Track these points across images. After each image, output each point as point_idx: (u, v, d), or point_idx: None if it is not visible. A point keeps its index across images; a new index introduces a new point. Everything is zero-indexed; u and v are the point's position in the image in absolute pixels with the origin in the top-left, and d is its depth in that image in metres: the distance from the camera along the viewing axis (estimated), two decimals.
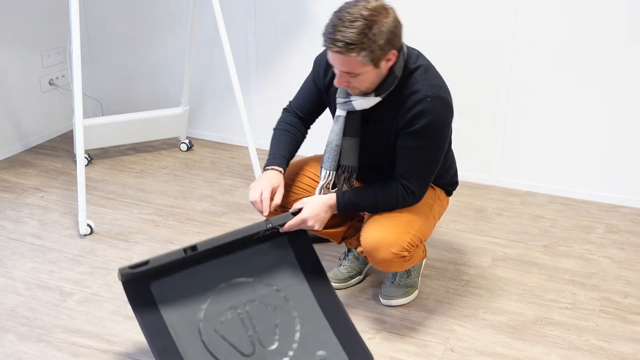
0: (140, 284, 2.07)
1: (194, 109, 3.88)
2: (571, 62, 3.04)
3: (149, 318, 2.04)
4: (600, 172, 3.16)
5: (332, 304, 2.18)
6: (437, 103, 2.10)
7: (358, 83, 2.08)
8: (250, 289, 2.16)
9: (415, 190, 2.20)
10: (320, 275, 2.23)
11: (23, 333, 2.31)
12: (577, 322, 2.37)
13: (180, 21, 3.73)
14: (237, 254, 2.18)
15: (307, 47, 3.45)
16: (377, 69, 2.05)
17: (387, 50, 2.03)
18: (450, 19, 3.17)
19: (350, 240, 2.54)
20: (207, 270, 2.14)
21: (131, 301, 2.06)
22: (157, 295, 2.08)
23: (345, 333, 2.13)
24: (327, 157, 2.25)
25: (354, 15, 1.96)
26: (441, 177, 2.39)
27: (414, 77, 2.13)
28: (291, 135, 2.36)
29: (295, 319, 2.14)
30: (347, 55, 1.99)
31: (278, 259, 2.21)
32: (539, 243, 2.86)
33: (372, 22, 1.97)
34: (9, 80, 3.67)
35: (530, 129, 3.21)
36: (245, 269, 2.18)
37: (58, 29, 3.85)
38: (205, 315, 2.09)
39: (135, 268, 2.03)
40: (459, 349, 2.24)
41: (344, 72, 2.05)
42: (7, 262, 2.72)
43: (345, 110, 2.20)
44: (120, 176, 3.49)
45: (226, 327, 2.08)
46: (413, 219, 2.24)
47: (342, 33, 1.96)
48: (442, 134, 2.16)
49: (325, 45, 2.03)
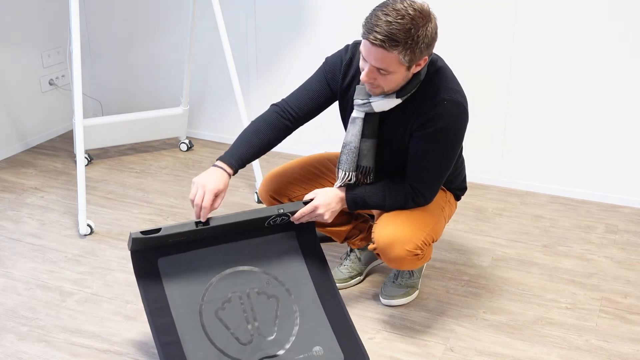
0: (148, 256, 2.07)
1: (194, 109, 3.88)
2: (571, 62, 3.04)
3: (152, 294, 2.05)
4: (600, 172, 3.16)
5: (334, 302, 2.19)
6: (453, 107, 2.09)
7: (384, 82, 2.04)
8: (254, 277, 2.16)
9: (424, 192, 2.20)
10: (325, 273, 2.24)
11: (23, 333, 2.31)
12: (577, 322, 2.37)
13: (180, 21, 3.73)
14: (246, 241, 2.18)
15: (307, 47, 3.45)
16: (407, 71, 2.03)
17: (424, 55, 2.01)
18: (450, 19, 3.16)
19: (353, 240, 2.54)
20: (215, 253, 2.14)
21: (137, 273, 2.07)
22: (163, 270, 2.08)
23: (344, 331, 2.14)
24: (345, 159, 2.22)
25: (400, 13, 1.92)
26: (452, 182, 2.39)
27: (434, 80, 2.11)
28: (262, 138, 2.23)
29: (296, 312, 2.14)
30: (388, 51, 1.94)
31: (285, 251, 2.23)
32: (539, 243, 2.86)
33: (418, 23, 1.93)
34: (9, 80, 3.67)
35: (530, 129, 3.21)
36: (252, 257, 2.19)
37: (58, 29, 3.85)
38: (207, 297, 2.09)
39: (147, 234, 2.01)
40: (459, 349, 2.24)
41: (376, 68, 2.00)
42: (7, 262, 2.72)
43: (363, 112, 2.17)
44: (120, 176, 3.49)
45: (227, 312, 2.09)
46: (426, 219, 2.24)
47: (388, 27, 1.91)
48: (455, 139, 2.15)
49: (366, 37, 1.95)
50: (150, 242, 2.06)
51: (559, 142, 3.18)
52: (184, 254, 2.12)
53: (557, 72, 3.08)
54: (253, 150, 2.23)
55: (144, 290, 2.06)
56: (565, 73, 3.07)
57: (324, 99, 2.28)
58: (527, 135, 3.23)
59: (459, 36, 3.18)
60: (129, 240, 2.02)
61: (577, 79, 3.06)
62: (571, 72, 3.06)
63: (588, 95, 3.07)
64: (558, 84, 3.09)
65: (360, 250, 2.58)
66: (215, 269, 2.14)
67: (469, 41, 3.17)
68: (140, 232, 2.02)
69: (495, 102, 3.22)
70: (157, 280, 2.07)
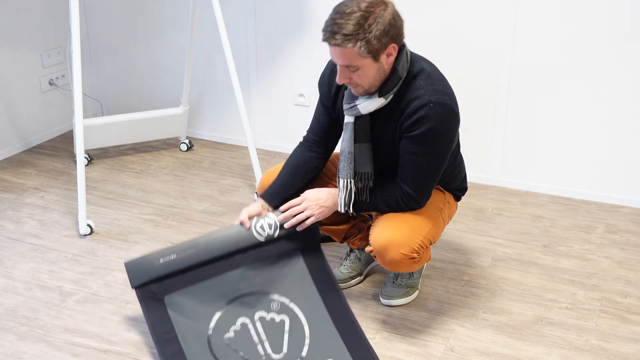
0: (154, 293, 2.17)
1: (194, 109, 3.88)
2: (571, 62, 3.04)
3: (159, 327, 2.11)
4: (600, 172, 3.16)
5: (342, 312, 2.21)
6: (439, 109, 2.09)
7: (359, 79, 2.07)
8: (260, 301, 2.19)
9: (415, 195, 2.19)
10: (332, 285, 2.26)
11: (23, 333, 2.31)
12: (577, 322, 2.37)
13: (180, 21, 3.73)
14: (249, 267, 2.22)
15: (307, 47, 3.45)
16: (377, 62, 2.04)
17: (385, 42, 2.02)
18: (450, 19, 3.17)
19: (353, 240, 2.54)
20: (220, 284, 2.19)
21: (144, 308, 2.15)
22: (170, 306, 2.15)
23: (354, 341, 2.15)
24: (343, 166, 2.22)
25: (351, 8, 1.98)
26: (450, 182, 2.38)
27: (417, 81, 2.12)
28: (289, 169, 2.35)
29: (305, 328, 2.16)
30: (344, 47, 1.99)
31: (289, 270, 2.25)
32: (539, 243, 2.86)
33: (368, 14, 1.98)
34: (9, 80, 3.67)
35: (530, 129, 3.21)
36: (256, 282, 2.22)
37: (58, 29, 3.85)
38: (215, 326, 2.13)
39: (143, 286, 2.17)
40: (459, 349, 2.24)
41: (344, 66, 2.05)
42: (7, 262, 2.72)
43: (352, 116, 2.18)
44: (120, 176, 3.49)
45: (236, 337, 2.12)
46: (423, 221, 2.23)
47: (339, 25, 1.98)
48: (443, 141, 2.14)
49: (323, 39, 2.04)
50: (144, 265, 2.16)
51: (559, 142, 3.18)
52: (189, 287, 2.17)
53: (557, 73, 3.08)
54: (282, 181, 2.34)
55: (151, 324, 2.12)
56: (566, 73, 3.07)
57: (328, 118, 2.32)
58: (527, 135, 3.23)
59: (459, 36, 3.18)
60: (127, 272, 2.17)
61: (577, 79, 3.06)
62: (571, 72, 3.06)
63: (588, 95, 3.07)
64: (558, 84, 3.09)
65: (360, 251, 2.58)
66: (221, 298, 2.18)
67: (469, 41, 3.17)
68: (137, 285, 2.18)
69: (495, 102, 3.22)
70: (164, 314, 2.13)
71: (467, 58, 3.19)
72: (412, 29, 3.21)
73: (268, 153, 3.72)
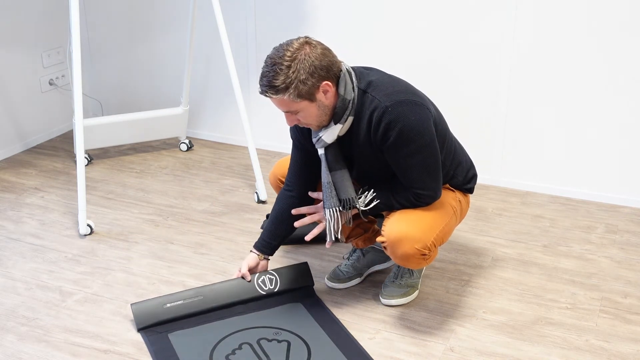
0: (159, 332, 2.28)
1: (194, 109, 3.88)
2: (571, 62, 3.04)
3: (161, 353, 2.19)
4: (600, 172, 3.16)
5: (345, 339, 2.25)
6: (399, 108, 2.10)
7: (304, 119, 2.14)
8: (263, 331, 2.28)
9: (427, 193, 2.22)
10: (333, 321, 2.33)
11: (23, 333, 2.31)
12: (577, 322, 2.37)
13: (180, 21, 3.73)
14: (254, 313, 2.36)
15: None
16: (314, 102, 2.09)
17: (314, 84, 2.06)
18: (450, 19, 3.17)
19: (356, 240, 2.54)
20: (223, 325, 2.31)
21: (146, 340, 2.24)
22: (172, 338, 2.25)
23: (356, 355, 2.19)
24: (326, 197, 2.26)
25: (276, 59, 2.05)
26: (454, 177, 2.38)
27: (368, 94, 2.15)
28: (275, 215, 2.41)
29: (308, 346, 2.21)
30: (277, 98, 2.07)
31: (290, 312, 2.37)
32: (539, 243, 2.86)
33: (291, 61, 2.03)
34: (9, 80, 3.67)
35: (530, 129, 3.21)
36: (259, 320, 2.33)
37: (58, 29, 3.85)
38: (217, 348, 2.20)
39: (149, 327, 2.29)
40: (459, 349, 2.24)
41: (285, 111, 2.12)
42: (7, 262, 2.72)
43: (322, 148, 2.23)
44: (120, 176, 3.49)
45: (238, 356, 2.17)
46: (438, 220, 2.26)
47: (268, 79, 2.06)
48: (422, 133, 2.14)
49: (260, 93, 2.11)
50: (150, 309, 2.30)
51: (559, 142, 3.18)
52: (192, 328, 2.29)
53: (558, 72, 3.08)
54: (272, 228, 2.42)
55: (154, 352, 2.19)
56: (566, 73, 3.07)
57: (302, 161, 2.37)
58: (527, 135, 3.23)
59: (459, 36, 3.18)
60: (133, 315, 2.30)
61: (577, 79, 3.06)
62: (571, 72, 3.06)
63: (588, 95, 3.07)
64: (558, 84, 3.09)
65: (363, 252, 2.58)
66: (224, 332, 2.28)
67: (469, 41, 3.17)
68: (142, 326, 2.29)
69: (495, 102, 3.22)
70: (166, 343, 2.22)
71: (468, 58, 3.19)
72: (413, 31, 3.22)
73: (268, 153, 3.72)
